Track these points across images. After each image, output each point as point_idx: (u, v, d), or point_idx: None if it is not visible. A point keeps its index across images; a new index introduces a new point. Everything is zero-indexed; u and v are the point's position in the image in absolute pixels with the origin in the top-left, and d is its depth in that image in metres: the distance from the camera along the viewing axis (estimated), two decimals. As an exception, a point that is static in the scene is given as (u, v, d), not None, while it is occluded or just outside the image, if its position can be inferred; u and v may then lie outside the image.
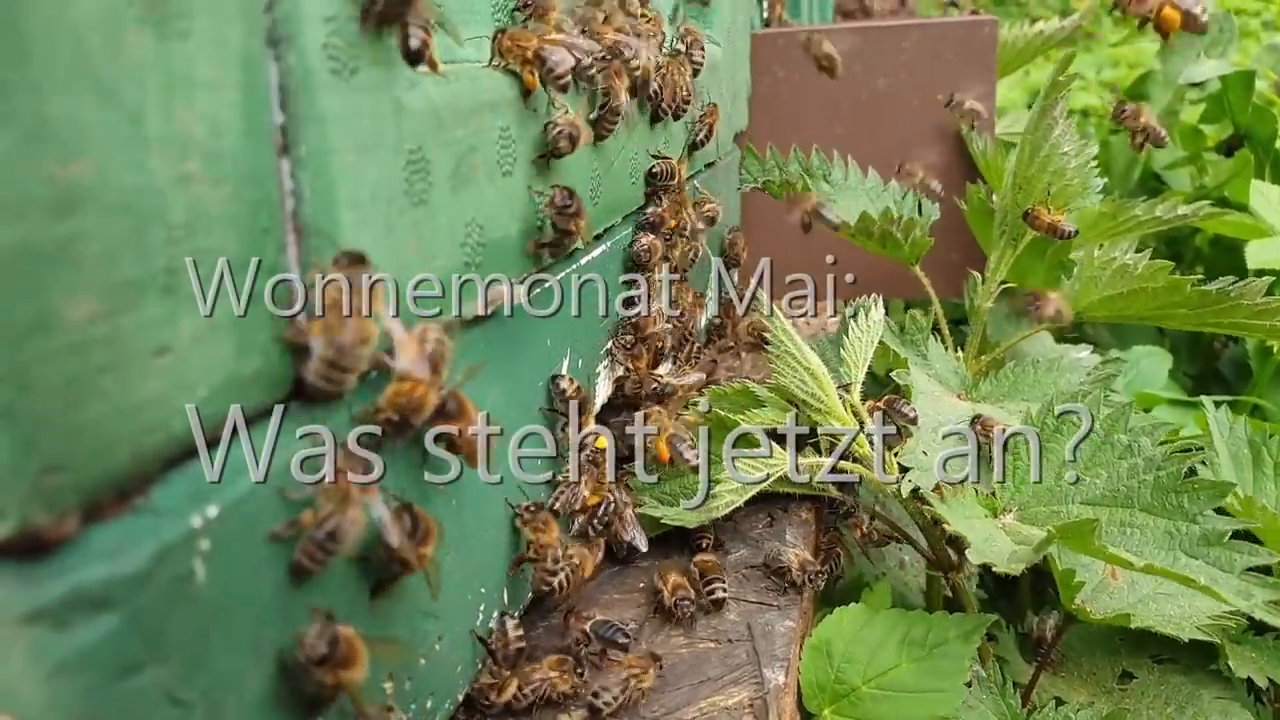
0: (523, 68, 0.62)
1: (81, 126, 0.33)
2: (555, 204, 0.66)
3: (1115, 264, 1.03)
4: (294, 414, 0.45)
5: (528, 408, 0.72)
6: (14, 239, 0.31)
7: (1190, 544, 0.79)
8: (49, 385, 0.32)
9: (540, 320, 0.72)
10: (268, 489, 0.42)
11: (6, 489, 0.31)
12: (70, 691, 0.33)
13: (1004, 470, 0.85)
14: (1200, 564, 0.78)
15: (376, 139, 0.49)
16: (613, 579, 0.84)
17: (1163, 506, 0.81)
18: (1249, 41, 2.69)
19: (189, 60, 0.37)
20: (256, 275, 0.41)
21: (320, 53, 0.44)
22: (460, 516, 0.61)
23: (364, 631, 0.45)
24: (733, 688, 0.70)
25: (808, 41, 1.27)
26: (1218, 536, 0.78)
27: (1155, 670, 0.92)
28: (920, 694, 0.75)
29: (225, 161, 0.40)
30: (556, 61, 0.61)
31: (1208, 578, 0.74)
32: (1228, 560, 0.77)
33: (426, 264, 0.54)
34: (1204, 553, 0.78)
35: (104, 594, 0.34)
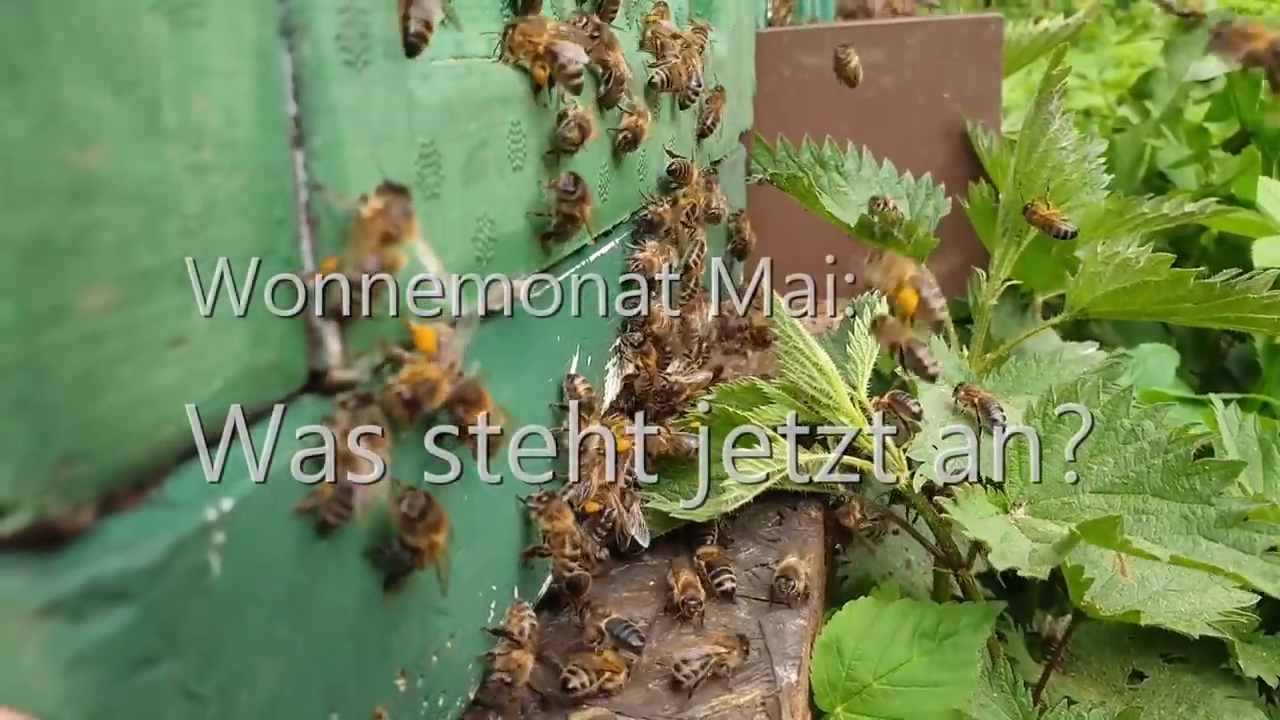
0: (533, 63, 0.61)
1: (96, 114, 0.33)
2: (560, 188, 0.65)
3: (1118, 258, 1.03)
4: (307, 407, 0.44)
5: (539, 404, 0.71)
6: (30, 227, 0.30)
7: (1208, 526, 0.78)
8: (65, 375, 0.32)
9: (549, 317, 0.72)
10: (281, 480, 0.42)
11: (24, 479, 0.31)
12: (86, 685, 0.32)
13: (1008, 466, 0.84)
14: (1221, 547, 0.76)
15: (389, 131, 0.49)
16: (622, 576, 0.84)
17: (1174, 490, 0.80)
18: (1251, 41, 2.68)
19: (203, 49, 0.37)
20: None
21: (334, 43, 0.44)
22: (471, 513, 0.61)
23: (377, 626, 0.45)
24: (745, 686, 0.69)
25: (843, 54, 1.24)
26: (1235, 518, 0.77)
27: (1166, 669, 0.92)
28: (931, 688, 0.74)
29: (240, 152, 0.39)
30: (569, 59, 0.61)
31: (1231, 562, 0.73)
32: (1248, 541, 0.76)
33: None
34: (1223, 535, 0.77)
35: (120, 586, 0.33)
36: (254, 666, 0.40)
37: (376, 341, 0.48)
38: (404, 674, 0.53)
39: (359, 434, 0.43)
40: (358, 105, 0.46)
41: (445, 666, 0.58)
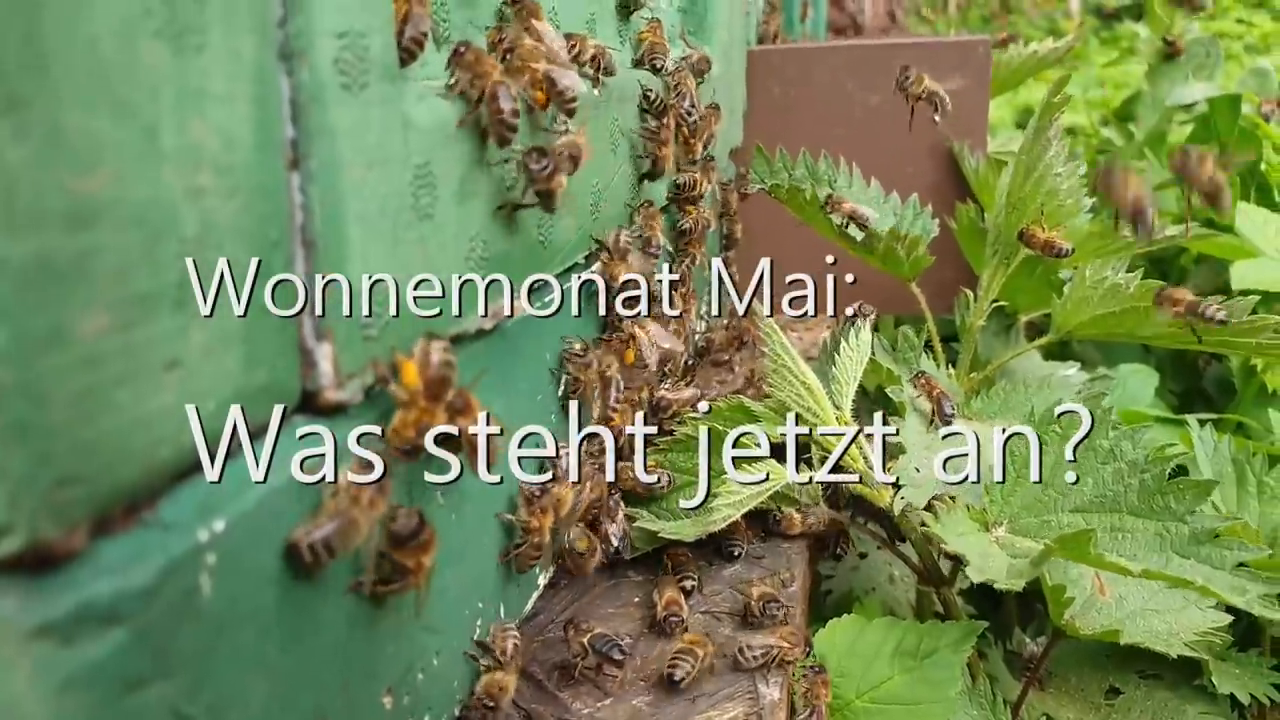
0: (531, 88, 0.62)
1: (97, 139, 0.33)
2: (528, 167, 0.61)
3: (1107, 283, 1.05)
4: (300, 425, 0.45)
5: (526, 421, 0.72)
6: (30, 252, 0.31)
7: (1181, 544, 0.80)
8: (62, 399, 0.32)
9: (540, 335, 0.72)
10: (273, 502, 0.42)
11: (19, 503, 0.31)
12: (76, 708, 0.33)
13: (989, 487, 0.86)
14: (1192, 563, 0.78)
15: (385, 153, 0.49)
16: (607, 593, 0.84)
17: (1150, 508, 0.82)
18: (1231, 65, 2.73)
19: (203, 74, 0.38)
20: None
21: (332, 67, 0.45)
22: (459, 530, 0.61)
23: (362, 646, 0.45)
24: (728, 703, 0.70)
25: (904, 78, 1.21)
26: (1207, 535, 0.79)
27: (1142, 686, 0.93)
28: (913, 705, 0.75)
29: (237, 174, 0.40)
30: (567, 86, 0.61)
31: (1202, 576, 0.75)
32: (1219, 558, 0.78)
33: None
34: (1195, 551, 0.79)
35: (112, 609, 0.34)
36: (243, 687, 0.40)
37: (369, 363, 0.48)
38: (390, 692, 0.53)
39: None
40: (354, 127, 0.47)
41: (431, 684, 0.58)
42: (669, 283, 0.97)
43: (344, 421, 0.47)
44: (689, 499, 0.85)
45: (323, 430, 0.45)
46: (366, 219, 0.48)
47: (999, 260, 1.12)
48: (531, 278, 0.68)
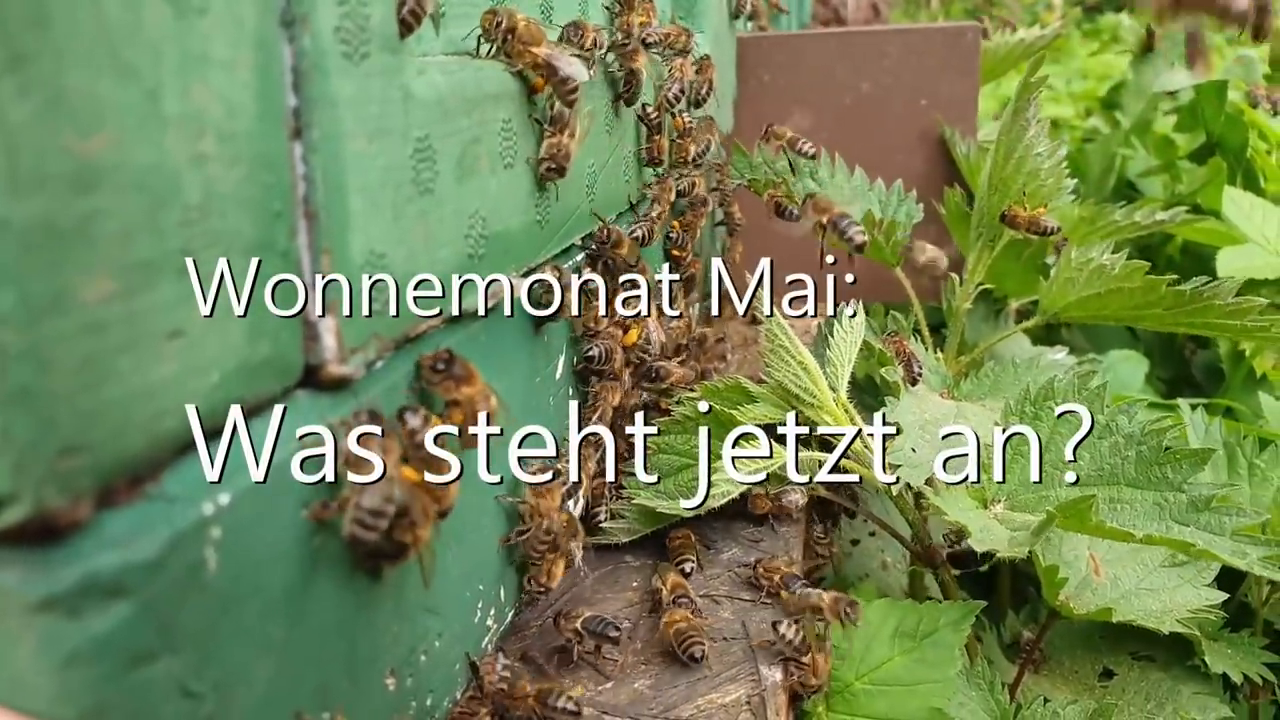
0: (532, 71, 0.61)
1: (99, 100, 0.32)
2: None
3: (1092, 264, 1.05)
4: (303, 401, 0.44)
5: (525, 404, 0.71)
6: (33, 213, 0.30)
7: (1180, 512, 0.80)
8: (66, 365, 0.31)
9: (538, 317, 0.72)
10: (278, 475, 0.41)
11: (23, 471, 0.30)
12: (82, 682, 0.32)
13: (984, 469, 0.86)
14: (1192, 529, 0.79)
15: (386, 125, 0.48)
16: (604, 579, 0.83)
17: (1148, 479, 0.83)
18: (1213, 56, 2.75)
19: (205, 37, 0.37)
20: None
21: (333, 35, 0.44)
22: (459, 512, 0.60)
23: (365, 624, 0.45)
24: (730, 685, 0.69)
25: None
26: (1205, 502, 0.80)
27: (1135, 667, 0.94)
28: (913, 686, 0.75)
29: (240, 143, 0.39)
30: (570, 75, 0.60)
31: (1202, 542, 0.75)
32: (1218, 524, 0.79)
33: (432, 254, 0.53)
34: (1194, 518, 0.80)
35: (117, 582, 0.33)
36: (249, 664, 0.40)
37: (371, 338, 0.47)
38: (393, 673, 0.52)
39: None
40: (356, 98, 0.46)
41: (434, 666, 0.58)
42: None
43: (347, 397, 0.47)
44: (686, 481, 0.85)
45: (325, 406, 0.44)
46: (368, 191, 0.47)
47: (983, 242, 1.12)
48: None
